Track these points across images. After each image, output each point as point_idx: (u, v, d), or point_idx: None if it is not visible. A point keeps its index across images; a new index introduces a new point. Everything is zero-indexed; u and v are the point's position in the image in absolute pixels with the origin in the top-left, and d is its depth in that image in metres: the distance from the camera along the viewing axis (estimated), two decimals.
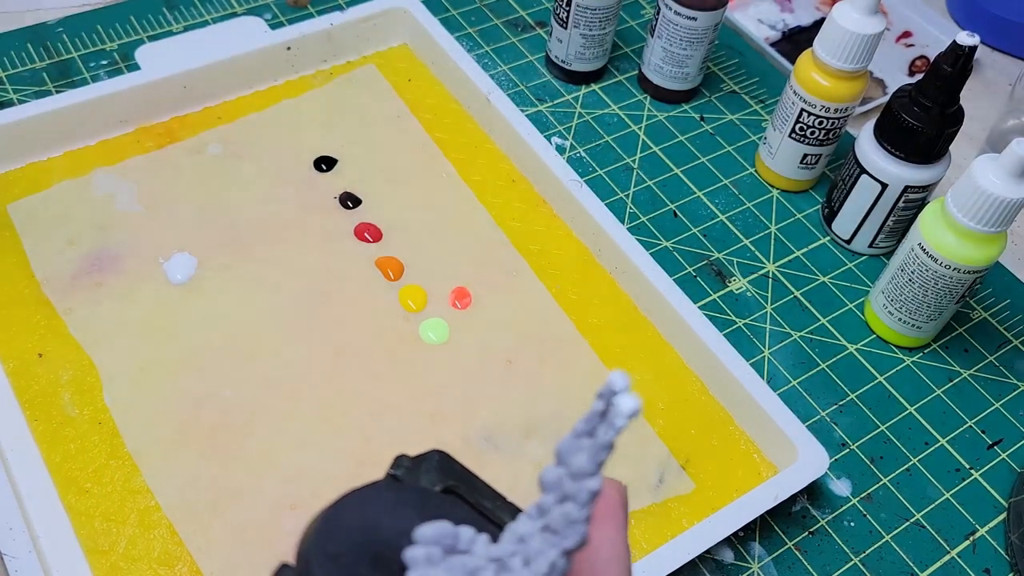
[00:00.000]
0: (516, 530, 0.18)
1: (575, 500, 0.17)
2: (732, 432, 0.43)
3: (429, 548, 0.18)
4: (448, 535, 0.18)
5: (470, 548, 0.18)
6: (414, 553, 0.18)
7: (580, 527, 0.17)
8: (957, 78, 0.45)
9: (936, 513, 0.43)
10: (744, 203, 0.54)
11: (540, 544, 0.18)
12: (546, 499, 0.18)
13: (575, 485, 0.17)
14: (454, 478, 0.21)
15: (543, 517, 0.18)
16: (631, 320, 0.47)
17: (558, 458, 0.18)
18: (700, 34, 0.55)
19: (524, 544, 0.18)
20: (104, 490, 0.39)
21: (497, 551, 0.18)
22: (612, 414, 0.17)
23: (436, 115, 0.55)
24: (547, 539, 0.18)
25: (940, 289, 0.45)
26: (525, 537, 0.18)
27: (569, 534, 0.17)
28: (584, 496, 0.17)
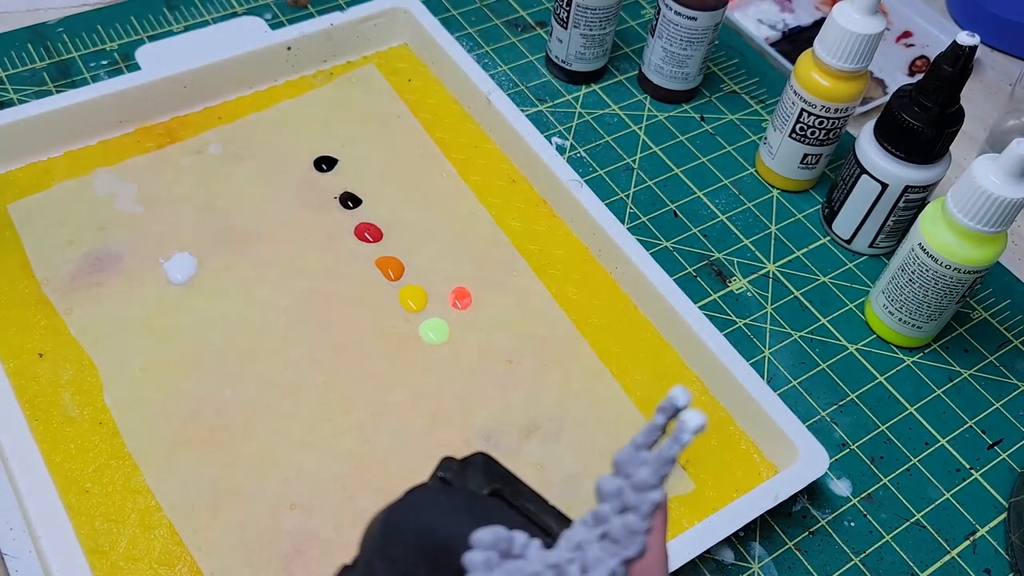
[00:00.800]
0: (572, 537, 0.19)
1: (637, 512, 0.18)
2: (732, 432, 0.43)
3: (487, 552, 0.19)
4: (503, 539, 0.19)
5: (524, 552, 0.19)
6: (473, 558, 0.18)
7: (640, 538, 0.18)
8: (957, 78, 0.45)
9: (936, 513, 0.43)
10: (744, 203, 0.54)
11: (599, 552, 0.18)
12: (603, 508, 0.19)
13: (638, 497, 0.18)
14: (499, 481, 0.22)
15: (600, 525, 0.19)
16: (631, 320, 0.47)
17: (616, 468, 0.19)
18: (700, 34, 0.55)
19: (581, 551, 0.19)
20: (104, 490, 0.39)
21: (554, 557, 0.19)
22: (679, 430, 0.18)
23: (436, 115, 0.55)
24: (606, 548, 0.18)
25: (940, 289, 0.45)
26: (582, 544, 0.19)
27: (630, 544, 0.18)
28: (647, 508, 0.18)
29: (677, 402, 0.18)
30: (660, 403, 0.18)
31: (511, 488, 0.22)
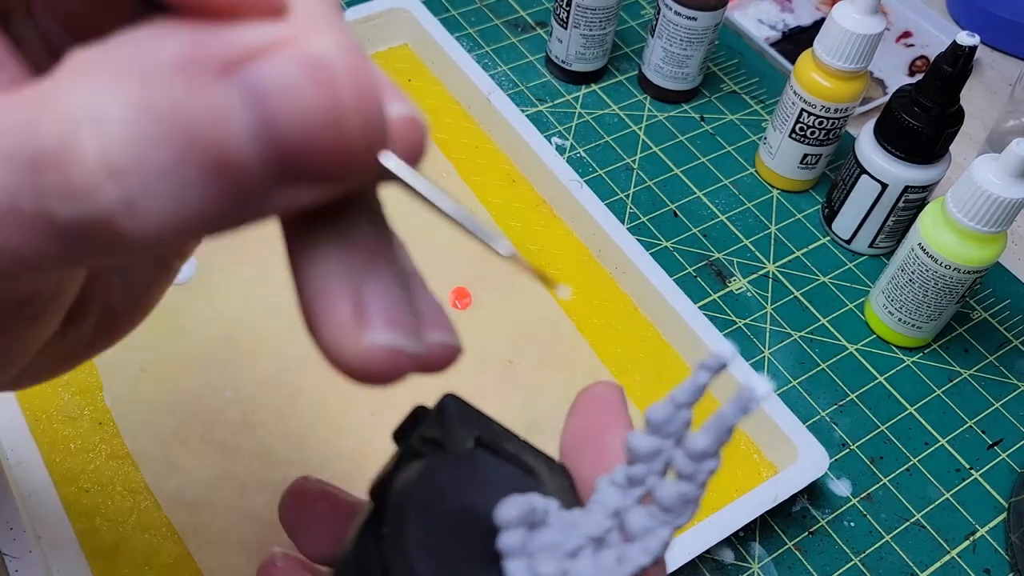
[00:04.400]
0: (606, 503, 0.18)
1: (693, 480, 0.17)
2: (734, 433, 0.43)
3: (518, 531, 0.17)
4: (527, 511, 0.17)
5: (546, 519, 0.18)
6: (509, 542, 0.17)
7: (693, 506, 0.17)
8: (957, 78, 0.45)
9: (936, 513, 0.43)
10: (744, 203, 0.54)
11: (646, 520, 0.17)
12: (638, 470, 0.17)
13: (694, 465, 0.17)
14: (476, 427, 0.20)
15: (635, 487, 0.17)
16: (631, 320, 0.47)
17: (651, 427, 0.17)
18: (700, 34, 0.55)
19: (618, 518, 0.17)
20: (104, 490, 0.39)
21: (593, 526, 0.17)
22: (745, 397, 0.16)
23: (436, 115, 0.55)
24: (657, 516, 0.17)
25: (940, 289, 0.45)
26: (620, 511, 0.17)
27: (683, 512, 0.17)
28: (704, 476, 0.17)
29: (724, 360, 0.16)
30: (703, 360, 0.17)
31: (488, 432, 0.20)
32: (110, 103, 0.12)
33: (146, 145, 0.12)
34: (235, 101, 0.12)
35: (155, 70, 0.12)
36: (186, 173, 0.12)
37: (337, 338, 0.15)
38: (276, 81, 0.12)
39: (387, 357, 0.15)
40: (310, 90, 0.12)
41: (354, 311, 0.15)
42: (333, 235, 0.15)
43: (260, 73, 0.12)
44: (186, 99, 0.12)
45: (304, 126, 0.12)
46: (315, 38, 0.13)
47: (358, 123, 0.13)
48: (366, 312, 0.15)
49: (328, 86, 0.12)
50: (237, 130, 0.12)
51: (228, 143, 0.12)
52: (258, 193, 0.13)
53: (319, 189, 0.13)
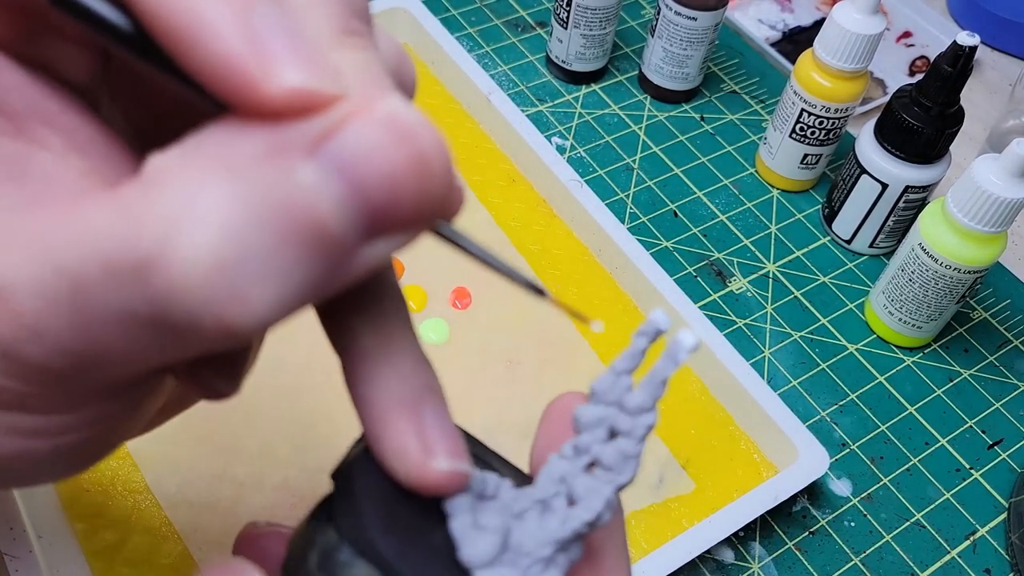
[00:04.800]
0: (552, 472, 0.18)
1: (631, 436, 0.17)
2: (732, 432, 0.43)
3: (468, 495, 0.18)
4: (478, 480, 0.18)
5: (497, 494, 0.18)
6: (458, 501, 0.18)
7: (634, 463, 0.17)
8: (957, 78, 0.44)
9: (936, 513, 0.43)
10: (744, 203, 0.54)
11: (589, 482, 0.17)
12: (584, 438, 0.18)
13: (631, 420, 0.17)
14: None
15: (581, 456, 0.18)
16: (632, 321, 0.47)
17: (595, 396, 0.18)
18: (700, 34, 0.55)
19: (564, 484, 0.18)
20: (104, 490, 0.39)
21: (537, 492, 0.18)
22: (674, 348, 0.17)
23: (436, 115, 0.55)
24: (599, 476, 0.17)
25: (940, 289, 0.45)
26: (566, 477, 0.18)
27: (624, 469, 0.17)
28: (641, 431, 0.17)
29: (660, 325, 0.17)
30: (639, 327, 0.17)
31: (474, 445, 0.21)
32: (204, 201, 0.13)
33: (246, 235, 0.13)
34: (324, 175, 0.13)
35: (242, 162, 0.13)
36: (287, 253, 0.13)
37: (407, 467, 0.17)
38: (360, 146, 0.13)
39: (449, 478, 0.17)
40: (393, 147, 0.13)
41: (420, 443, 0.17)
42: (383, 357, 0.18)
43: (343, 143, 0.13)
44: (278, 184, 0.13)
45: (392, 181, 0.14)
46: (381, 103, 0.14)
47: (439, 167, 0.14)
48: (430, 444, 0.17)
49: (409, 139, 0.14)
50: (330, 201, 0.13)
51: (323, 215, 0.13)
52: (352, 255, 0.14)
53: (404, 238, 0.15)
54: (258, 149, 0.13)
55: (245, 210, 0.13)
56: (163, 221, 0.13)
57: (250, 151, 0.13)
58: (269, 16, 0.14)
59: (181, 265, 0.13)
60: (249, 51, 0.13)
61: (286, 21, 0.14)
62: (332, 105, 0.13)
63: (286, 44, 0.13)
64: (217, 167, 0.13)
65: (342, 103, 0.14)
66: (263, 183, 0.13)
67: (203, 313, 0.13)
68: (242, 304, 0.13)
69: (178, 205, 0.13)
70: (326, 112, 0.13)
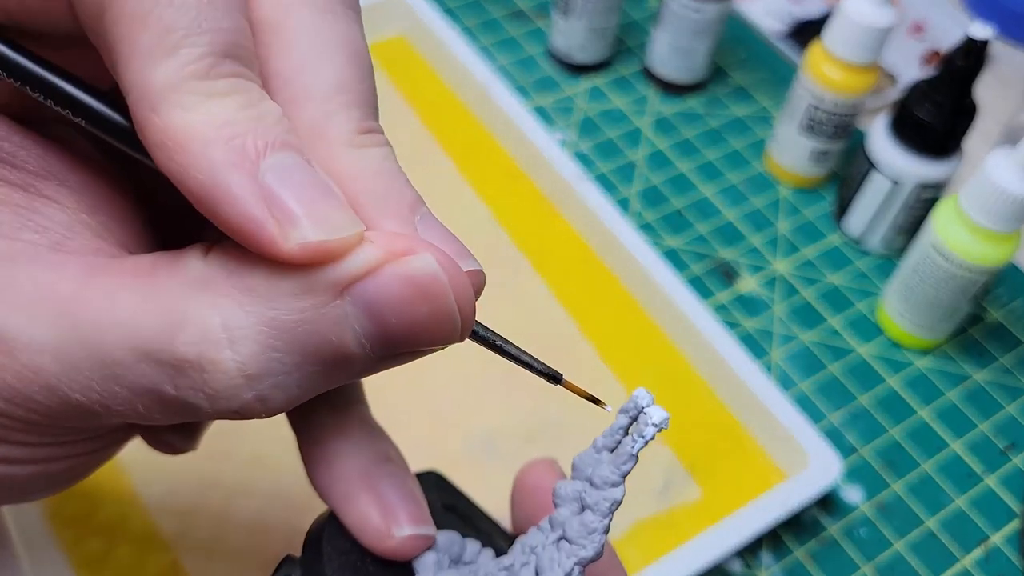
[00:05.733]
0: (527, 542, 0.18)
1: (596, 510, 0.17)
2: (740, 437, 0.42)
3: (439, 554, 0.18)
4: (456, 543, 0.19)
5: (476, 560, 0.19)
6: (426, 558, 0.18)
7: (598, 536, 0.17)
8: (971, 72, 0.43)
9: (948, 520, 0.42)
10: (752, 201, 0.53)
11: (554, 554, 0.18)
12: (560, 512, 0.18)
13: (597, 494, 0.17)
14: (452, 498, 0.22)
15: (556, 530, 0.18)
16: (635, 321, 0.46)
17: (576, 472, 0.18)
18: (706, 26, 0.53)
19: (535, 555, 0.18)
20: (90, 496, 0.38)
21: (506, 560, 0.18)
22: (641, 424, 0.17)
23: (434, 109, 0.53)
24: (563, 548, 0.18)
25: (953, 289, 0.44)
26: (536, 548, 0.18)
27: (586, 543, 0.17)
28: (605, 506, 0.17)
29: (640, 402, 0.18)
30: (623, 404, 0.18)
31: (463, 505, 0.22)
32: (243, 321, 0.15)
33: (275, 356, 0.15)
34: (350, 314, 0.15)
35: (279, 294, 0.15)
36: (309, 369, 0.15)
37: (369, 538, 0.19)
38: (385, 296, 0.15)
39: (413, 542, 0.19)
40: (417, 302, 0.15)
41: (380, 513, 0.19)
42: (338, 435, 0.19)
43: (369, 290, 0.15)
44: (309, 316, 0.15)
45: (411, 327, 0.15)
46: (413, 256, 0.15)
47: (458, 317, 0.16)
48: (391, 512, 0.19)
49: (426, 295, 0.15)
50: (354, 336, 0.15)
51: (346, 346, 0.15)
52: (364, 372, 0.16)
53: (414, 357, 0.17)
54: (294, 286, 0.15)
55: (277, 335, 0.15)
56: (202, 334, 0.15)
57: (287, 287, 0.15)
58: (279, 169, 0.15)
59: (215, 373, 0.15)
60: (263, 215, 0.14)
61: (294, 167, 0.15)
62: (354, 248, 0.15)
63: (300, 197, 0.15)
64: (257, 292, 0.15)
65: (366, 247, 0.15)
66: (295, 313, 0.15)
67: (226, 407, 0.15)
68: (262, 403, 0.15)
69: (218, 323, 0.15)
70: (352, 255, 0.15)
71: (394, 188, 0.17)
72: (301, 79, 0.17)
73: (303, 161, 0.15)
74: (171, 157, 0.14)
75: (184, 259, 0.15)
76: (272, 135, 0.15)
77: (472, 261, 0.18)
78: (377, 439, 0.20)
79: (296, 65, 0.17)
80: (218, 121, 0.14)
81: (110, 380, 0.15)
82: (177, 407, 0.15)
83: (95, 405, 0.15)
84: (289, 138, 0.15)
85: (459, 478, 0.24)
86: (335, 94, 0.17)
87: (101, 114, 0.16)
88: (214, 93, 0.15)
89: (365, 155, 0.17)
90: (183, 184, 0.15)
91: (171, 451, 0.22)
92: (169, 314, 0.15)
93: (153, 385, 0.15)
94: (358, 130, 0.17)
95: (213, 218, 0.15)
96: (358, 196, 0.16)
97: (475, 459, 0.40)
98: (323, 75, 0.17)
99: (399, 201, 0.17)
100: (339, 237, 0.15)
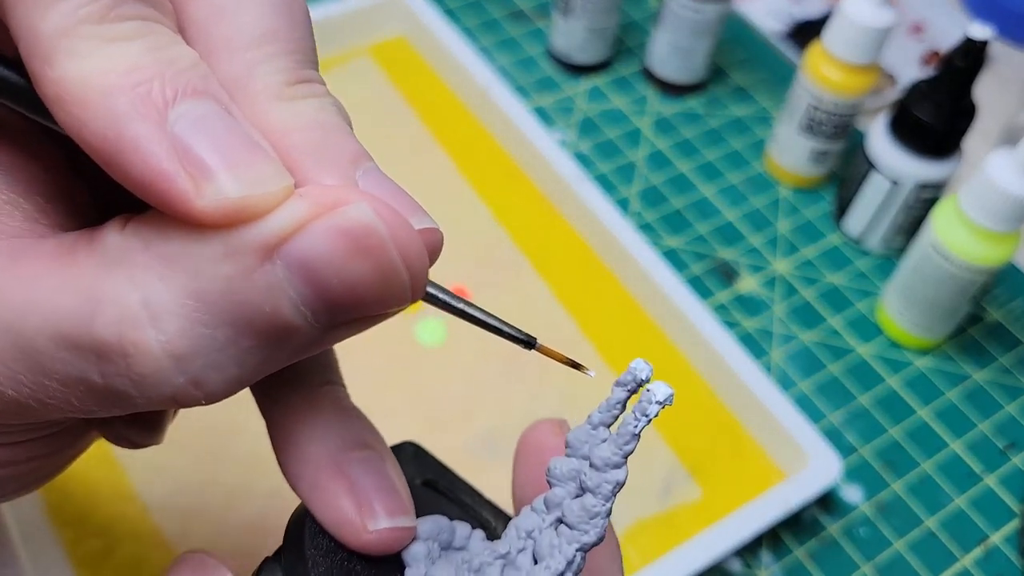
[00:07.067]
0: (522, 525, 0.17)
1: (598, 493, 0.16)
2: (740, 437, 0.42)
3: (428, 543, 0.18)
4: (445, 529, 0.18)
5: (466, 544, 0.18)
6: (415, 550, 0.17)
7: (601, 521, 0.16)
8: (970, 72, 0.43)
9: (948, 520, 0.42)
10: (752, 201, 0.53)
11: (553, 539, 0.17)
12: (556, 492, 0.17)
13: (599, 476, 0.16)
14: (431, 472, 0.20)
15: (553, 511, 0.17)
16: (635, 321, 0.46)
17: (570, 449, 0.17)
18: (706, 26, 0.53)
19: (532, 540, 0.17)
20: (91, 496, 0.38)
21: (502, 547, 0.17)
22: (645, 400, 0.16)
23: (434, 109, 0.53)
24: (563, 533, 0.17)
25: (953, 289, 0.44)
26: (533, 532, 0.17)
27: (588, 528, 0.16)
28: (608, 489, 0.16)
29: (639, 375, 0.17)
30: (619, 377, 0.17)
31: (444, 479, 0.21)
32: (164, 296, 0.13)
33: (204, 331, 0.13)
34: (282, 278, 0.13)
35: (200, 261, 0.13)
36: (245, 344, 0.13)
37: (348, 531, 0.17)
38: (319, 251, 0.13)
39: (391, 535, 0.17)
40: (354, 257, 0.13)
41: (354, 505, 0.17)
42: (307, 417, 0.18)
43: (302, 248, 0.13)
44: (235, 284, 0.13)
45: (352, 287, 0.13)
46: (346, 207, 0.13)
47: (405, 273, 0.14)
48: (367, 504, 0.17)
49: (370, 252, 0.13)
50: (290, 302, 0.13)
51: (283, 315, 0.13)
52: (312, 343, 0.14)
53: (366, 325, 0.15)
54: (216, 251, 0.13)
55: (202, 308, 0.13)
56: (121, 313, 0.13)
57: (208, 252, 0.13)
58: (193, 118, 0.13)
59: (140, 357, 0.13)
60: (173, 168, 0.13)
61: (211, 115, 0.13)
62: (282, 203, 0.13)
63: (215, 146, 0.13)
64: (177, 262, 0.13)
65: (294, 201, 0.13)
66: (221, 281, 0.13)
67: (157, 394, 0.13)
68: (198, 388, 0.14)
69: (136, 299, 0.13)
70: (278, 211, 0.13)
71: (332, 142, 0.15)
72: (220, 28, 0.15)
73: (220, 109, 0.13)
74: (68, 111, 0.13)
75: (102, 234, 0.14)
76: (184, 80, 0.13)
77: (425, 218, 0.16)
78: (351, 422, 0.18)
79: (214, 11, 0.15)
80: (120, 67, 0.13)
81: (36, 371, 0.14)
82: (109, 396, 0.14)
83: (28, 399, 0.14)
84: (206, 84, 0.13)
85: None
86: (259, 43, 0.15)
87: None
88: (115, 37, 0.13)
89: (297, 107, 0.15)
90: (84, 140, 0.13)
91: (131, 446, 0.21)
92: (86, 295, 0.13)
93: (80, 374, 0.14)
94: (287, 81, 0.15)
95: (120, 178, 0.13)
96: (289, 152, 0.14)
97: (474, 459, 0.40)
98: (244, 22, 0.15)
99: (337, 154, 0.15)
100: (262, 192, 0.13)
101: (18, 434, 0.16)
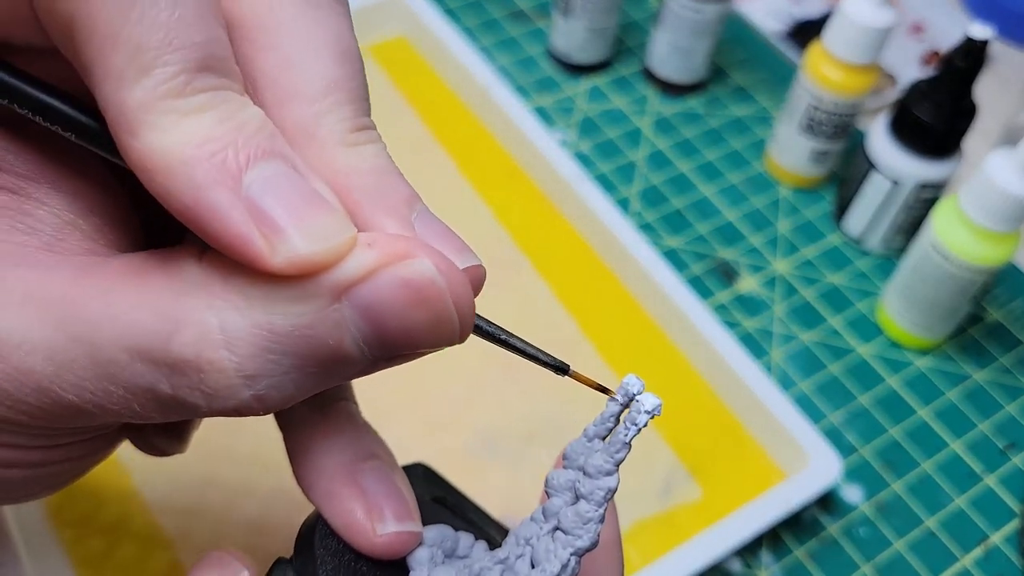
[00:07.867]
0: (520, 534, 0.18)
1: (591, 499, 0.17)
2: (741, 437, 0.42)
3: (432, 549, 0.18)
4: (449, 538, 0.19)
5: (469, 553, 0.19)
6: (420, 554, 0.18)
7: (594, 526, 0.17)
8: (970, 72, 0.43)
9: (948, 520, 0.42)
10: (752, 201, 0.53)
11: (550, 545, 0.17)
12: (554, 502, 0.18)
13: (591, 483, 0.17)
14: (441, 490, 0.21)
15: (550, 520, 0.18)
16: (636, 321, 0.46)
17: (567, 461, 0.18)
18: (706, 26, 0.53)
19: (530, 546, 0.18)
20: (92, 495, 0.38)
21: (502, 553, 0.18)
22: (634, 411, 0.17)
23: (434, 109, 0.53)
24: (558, 539, 0.17)
25: (953, 289, 0.44)
26: (531, 540, 0.18)
27: (582, 534, 0.17)
28: (600, 495, 0.17)
29: (631, 389, 0.18)
30: (614, 392, 0.18)
31: (453, 498, 0.22)
32: (239, 324, 0.15)
33: (272, 357, 0.15)
34: (347, 317, 0.15)
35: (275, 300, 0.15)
36: (306, 370, 0.15)
37: (358, 534, 0.18)
38: (383, 299, 0.15)
39: (401, 539, 0.18)
40: (415, 306, 0.15)
41: (364, 510, 0.18)
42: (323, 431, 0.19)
43: (367, 294, 0.15)
44: (306, 322, 0.15)
45: (409, 331, 0.15)
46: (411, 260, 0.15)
47: (456, 319, 0.16)
48: (375, 509, 0.18)
49: (429, 302, 0.15)
50: (351, 339, 0.15)
51: (344, 349, 0.15)
52: (362, 372, 0.16)
53: (413, 358, 0.16)
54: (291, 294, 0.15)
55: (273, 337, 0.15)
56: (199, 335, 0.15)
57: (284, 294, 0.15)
58: (263, 180, 0.14)
59: (214, 373, 0.15)
60: (249, 232, 0.14)
61: (279, 175, 0.15)
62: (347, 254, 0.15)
63: (284, 204, 0.14)
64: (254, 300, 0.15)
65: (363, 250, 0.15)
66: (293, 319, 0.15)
67: (223, 406, 0.15)
68: (259, 402, 0.15)
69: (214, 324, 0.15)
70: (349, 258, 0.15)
71: (389, 185, 0.16)
72: (288, 78, 0.16)
73: (288, 168, 0.15)
74: (153, 179, 0.14)
75: (178, 261, 0.15)
76: (254, 144, 0.14)
77: (471, 256, 0.18)
78: (363, 436, 0.19)
79: (282, 63, 0.16)
80: (197, 139, 0.14)
81: (104, 379, 0.15)
82: (174, 405, 0.15)
83: (88, 405, 0.15)
84: (273, 144, 0.15)
85: (459, 478, 0.24)
86: (325, 93, 0.16)
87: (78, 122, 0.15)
88: (191, 110, 0.14)
89: (359, 153, 0.16)
90: (169, 205, 0.14)
91: (159, 453, 0.22)
92: (166, 315, 0.15)
93: (149, 384, 0.15)
94: (350, 128, 0.16)
95: (203, 237, 0.15)
96: (352, 194, 0.16)
97: (474, 460, 0.40)
98: (311, 73, 0.16)
99: (395, 198, 0.16)
100: (328, 247, 0.15)
101: (62, 436, 0.17)
